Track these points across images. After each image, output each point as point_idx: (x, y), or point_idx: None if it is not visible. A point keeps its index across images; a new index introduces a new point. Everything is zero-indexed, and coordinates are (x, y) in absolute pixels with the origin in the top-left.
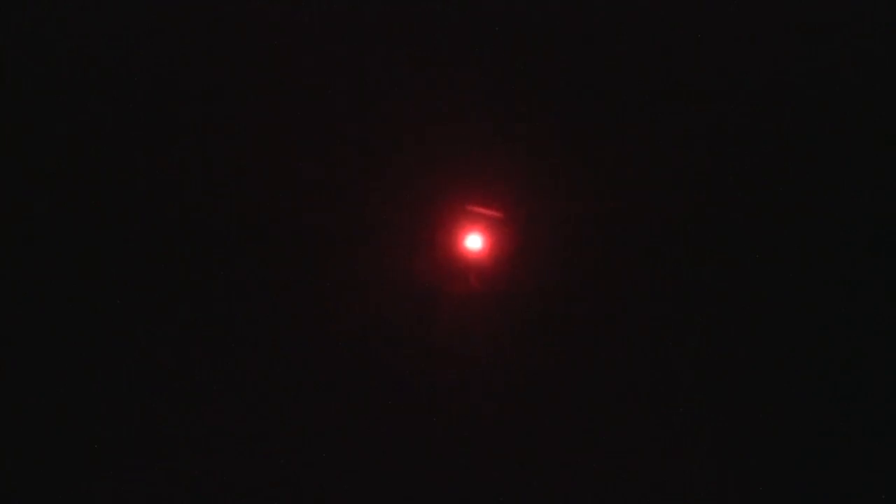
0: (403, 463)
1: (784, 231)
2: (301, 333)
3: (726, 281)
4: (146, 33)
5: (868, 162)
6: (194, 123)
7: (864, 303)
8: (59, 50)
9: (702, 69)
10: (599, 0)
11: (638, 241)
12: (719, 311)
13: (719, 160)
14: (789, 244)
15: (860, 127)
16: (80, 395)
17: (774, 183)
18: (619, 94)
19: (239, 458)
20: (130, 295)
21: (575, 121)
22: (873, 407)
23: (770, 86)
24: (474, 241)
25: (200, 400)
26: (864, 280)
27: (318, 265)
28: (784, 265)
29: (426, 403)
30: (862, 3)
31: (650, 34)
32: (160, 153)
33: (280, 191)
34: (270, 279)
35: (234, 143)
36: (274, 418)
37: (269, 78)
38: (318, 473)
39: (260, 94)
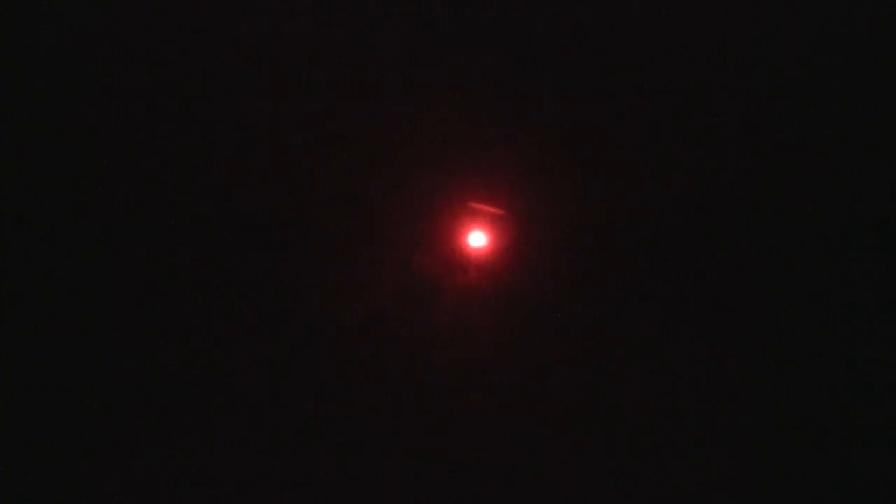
0: (403, 460)
1: (784, 231)
2: (303, 329)
3: (728, 278)
4: (147, 32)
5: (867, 162)
6: (195, 121)
7: (864, 303)
8: (58, 49)
9: (702, 69)
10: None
11: (640, 238)
12: (720, 308)
13: (721, 159)
14: (790, 244)
15: (859, 127)
16: (79, 394)
17: (775, 183)
18: (622, 92)
19: (239, 457)
20: (131, 294)
21: (578, 118)
22: (874, 408)
23: (770, 86)
24: (477, 238)
25: (201, 398)
26: (864, 280)
27: (321, 262)
28: (784, 266)
29: (428, 400)
30: (861, 4)
31: (652, 34)
32: (160, 152)
33: (282, 187)
34: (272, 275)
35: (235, 141)
36: (273, 415)
37: (271, 75)
38: (317, 471)
39: (261, 91)
